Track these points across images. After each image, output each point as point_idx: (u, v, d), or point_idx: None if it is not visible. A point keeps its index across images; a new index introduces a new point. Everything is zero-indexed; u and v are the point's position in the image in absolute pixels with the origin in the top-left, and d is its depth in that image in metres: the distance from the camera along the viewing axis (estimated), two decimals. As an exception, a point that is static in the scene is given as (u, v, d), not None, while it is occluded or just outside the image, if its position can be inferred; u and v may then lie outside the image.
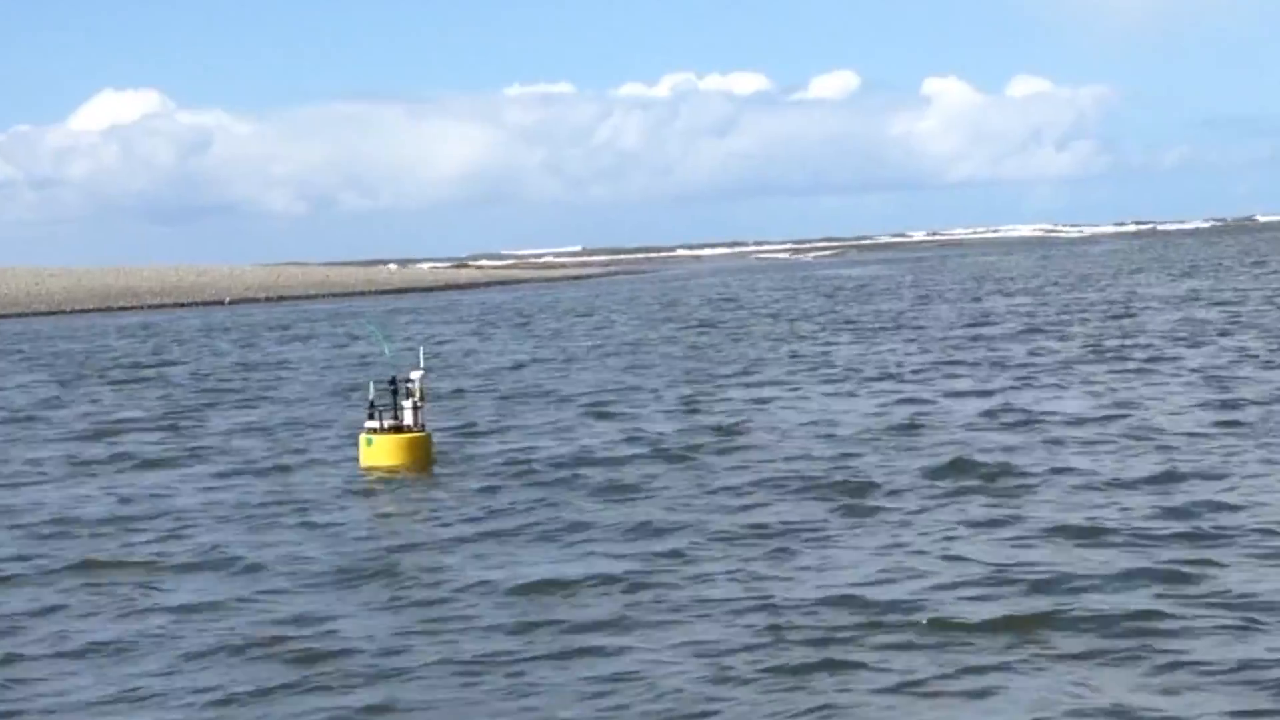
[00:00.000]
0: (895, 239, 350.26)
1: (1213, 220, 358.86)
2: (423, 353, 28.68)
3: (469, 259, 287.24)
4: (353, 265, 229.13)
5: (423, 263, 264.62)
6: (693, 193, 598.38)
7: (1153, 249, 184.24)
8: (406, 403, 26.95)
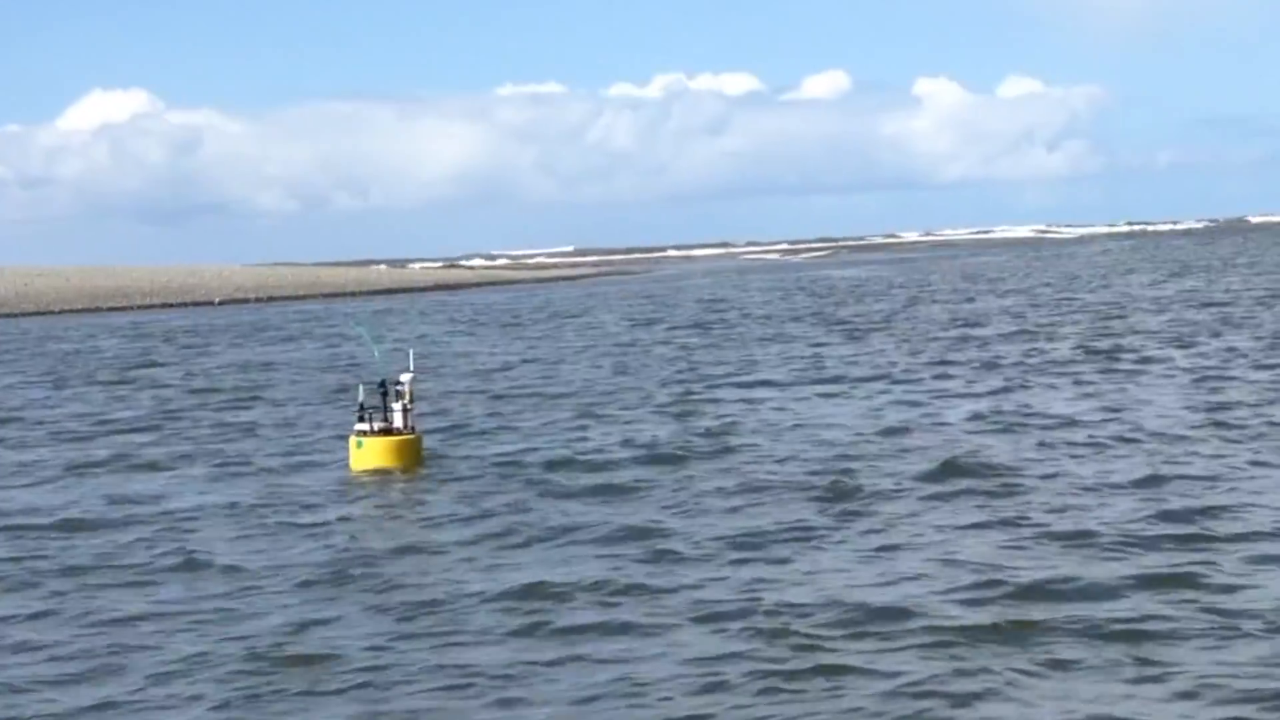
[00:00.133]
0: (888, 239, 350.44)
1: (1205, 221, 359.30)
2: (412, 355, 28.57)
3: (461, 259, 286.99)
4: (344, 265, 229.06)
5: (415, 263, 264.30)
6: (684, 193, 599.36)
7: (1145, 249, 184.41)
8: (396, 405, 26.85)
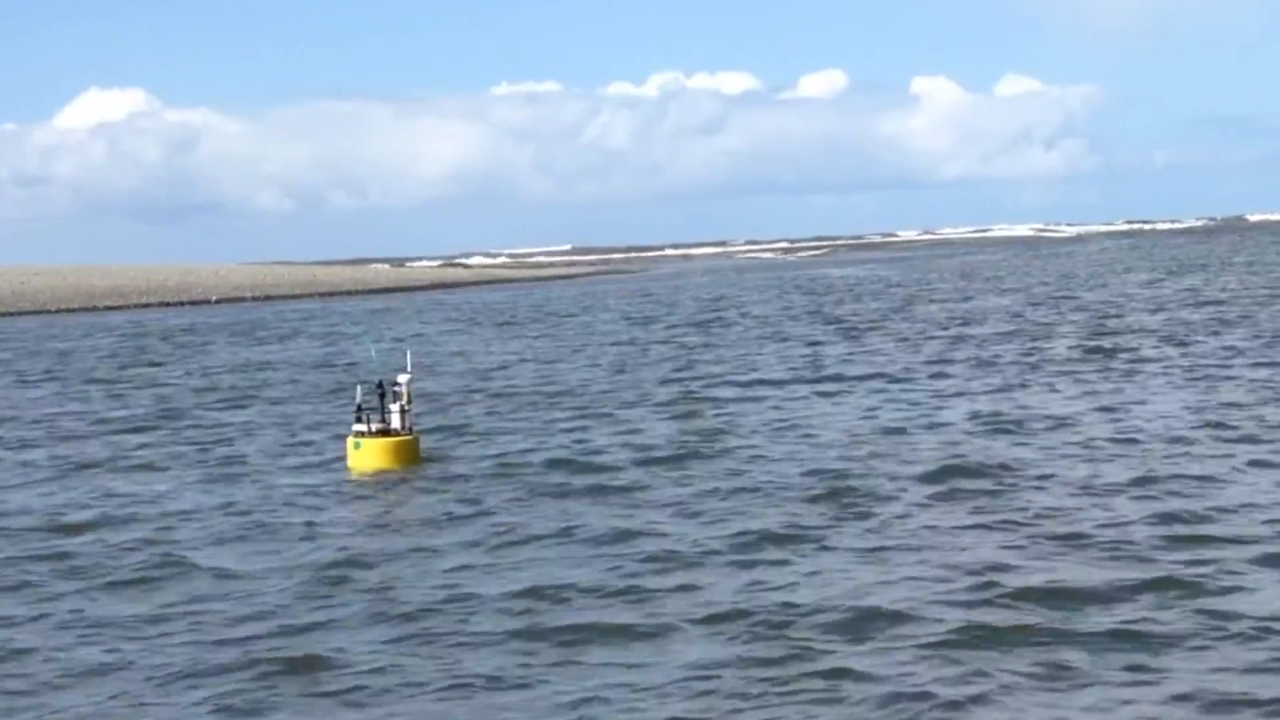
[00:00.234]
0: (885, 238, 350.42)
1: (1204, 219, 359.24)
2: (410, 356, 28.52)
3: (459, 258, 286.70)
4: (341, 264, 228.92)
5: (416, 261, 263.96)
6: (682, 192, 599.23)
7: (1143, 248, 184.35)
8: (394, 406, 26.82)
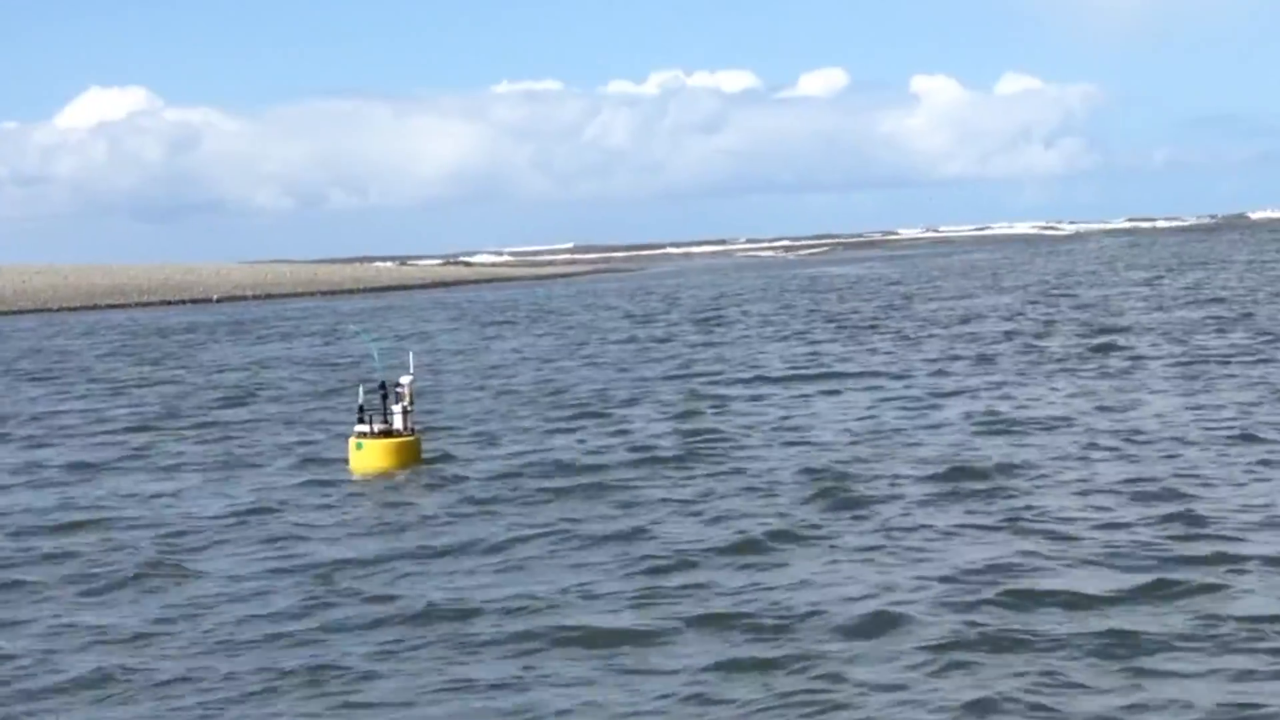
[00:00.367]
0: (886, 237, 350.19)
1: (1205, 217, 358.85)
2: (412, 357, 28.51)
3: (460, 256, 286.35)
4: (341, 263, 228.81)
5: (422, 260, 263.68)
6: (682, 190, 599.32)
7: (1143, 246, 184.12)
8: (396, 407, 26.82)
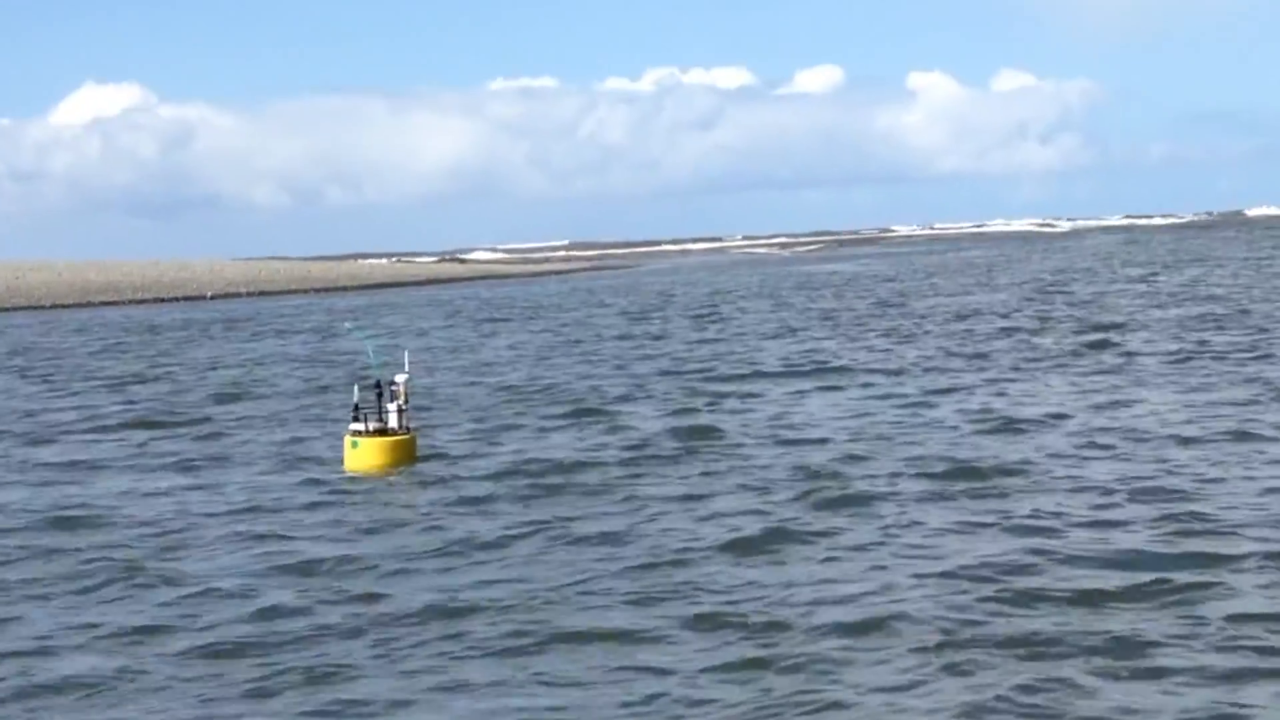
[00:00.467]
0: (882, 233, 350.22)
1: (1202, 214, 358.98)
2: (407, 355, 28.43)
3: (458, 253, 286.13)
4: (335, 259, 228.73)
5: (418, 257, 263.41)
6: (677, 187, 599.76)
7: (1140, 243, 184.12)
8: (392, 405, 26.76)
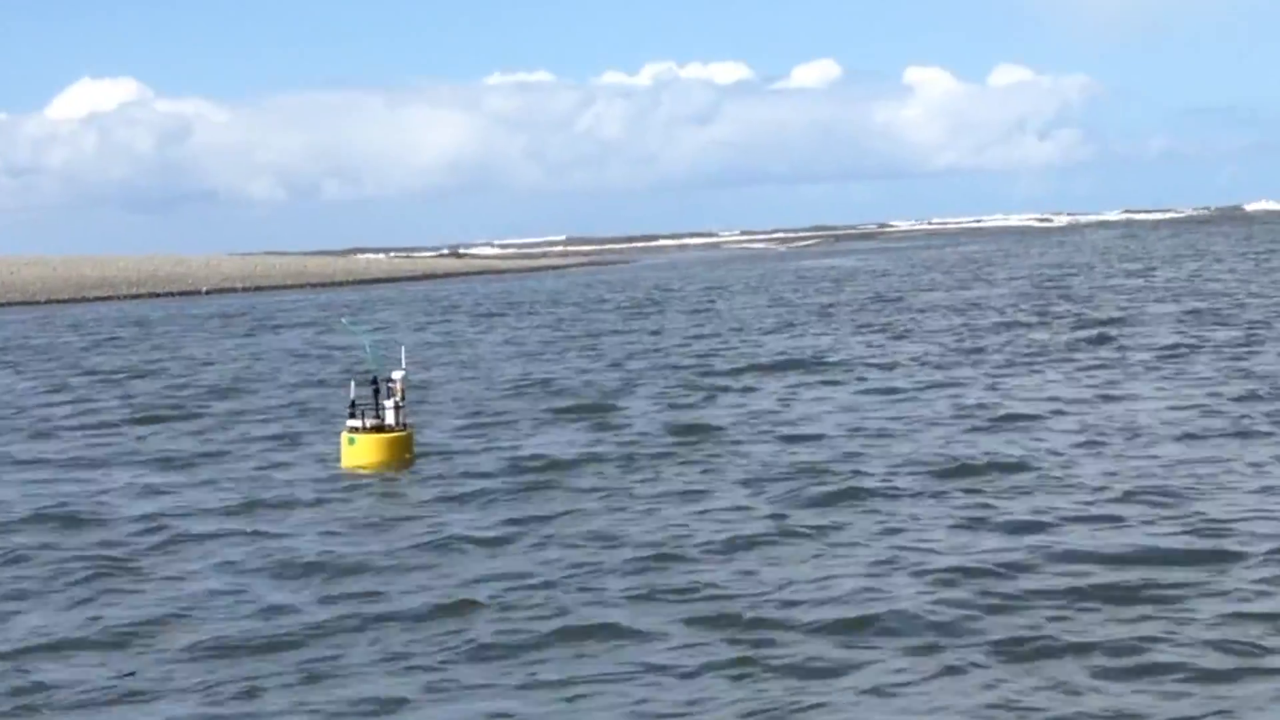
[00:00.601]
0: (880, 229, 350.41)
1: (1201, 209, 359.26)
2: (404, 351, 28.30)
3: (457, 247, 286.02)
4: (332, 255, 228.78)
5: (414, 252, 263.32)
6: (675, 182, 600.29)
7: (1139, 237, 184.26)
8: (388, 402, 26.66)
